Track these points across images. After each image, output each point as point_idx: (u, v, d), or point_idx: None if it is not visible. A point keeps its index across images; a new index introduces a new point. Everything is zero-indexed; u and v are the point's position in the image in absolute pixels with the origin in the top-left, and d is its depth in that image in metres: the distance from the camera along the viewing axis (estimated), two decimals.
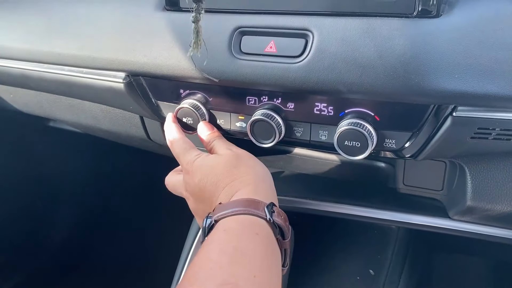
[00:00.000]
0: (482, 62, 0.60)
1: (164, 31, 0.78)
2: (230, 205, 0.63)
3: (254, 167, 0.72)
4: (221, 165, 0.71)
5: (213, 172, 0.70)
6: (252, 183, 0.68)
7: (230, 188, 0.68)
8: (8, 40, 0.96)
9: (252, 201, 0.63)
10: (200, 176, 0.71)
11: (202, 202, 0.72)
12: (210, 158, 0.73)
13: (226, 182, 0.68)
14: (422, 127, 0.67)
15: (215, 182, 0.69)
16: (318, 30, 0.68)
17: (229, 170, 0.70)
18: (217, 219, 0.61)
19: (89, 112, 1.05)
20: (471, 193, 0.74)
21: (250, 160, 0.74)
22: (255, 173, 0.71)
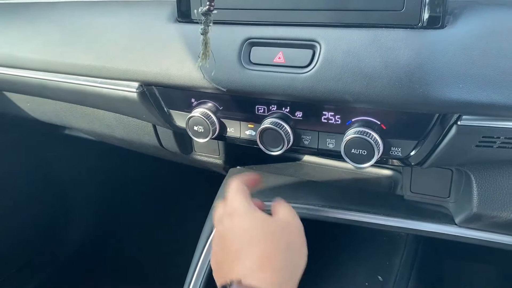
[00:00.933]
0: (487, 72, 0.61)
1: (176, 42, 0.80)
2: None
3: (294, 249, 0.66)
4: (265, 229, 0.65)
5: (251, 232, 0.64)
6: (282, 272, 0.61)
7: (256, 263, 0.61)
8: (26, 51, 0.99)
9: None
10: (237, 226, 0.66)
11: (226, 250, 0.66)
12: (258, 213, 0.68)
13: (256, 252, 0.62)
14: (427, 135, 0.68)
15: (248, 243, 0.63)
16: (325, 41, 0.69)
17: (269, 240, 0.63)
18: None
19: (103, 121, 1.08)
20: (477, 201, 0.75)
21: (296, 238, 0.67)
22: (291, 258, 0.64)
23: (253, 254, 0.62)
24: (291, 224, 0.68)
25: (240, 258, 0.62)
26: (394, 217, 0.87)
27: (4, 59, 1.03)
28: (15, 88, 1.11)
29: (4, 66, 1.05)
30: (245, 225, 0.65)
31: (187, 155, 1.09)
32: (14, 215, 1.58)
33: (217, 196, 1.03)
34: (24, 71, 1.01)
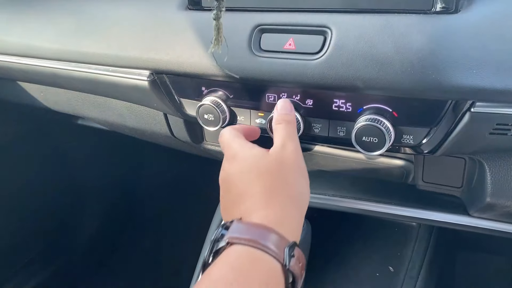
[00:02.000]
0: (501, 58, 0.60)
1: (186, 30, 0.80)
2: (251, 230, 0.55)
3: (296, 183, 0.64)
4: (261, 166, 0.63)
5: (249, 172, 0.63)
6: (284, 208, 0.60)
7: (257, 201, 0.60)
8: (39, 40, 1.00)
9: (276, 235, 0.55)
10: (237, 169, 0.64)
11: (230, 194, 0.65)
12: (255, 151, 0.66)
13: (255, 190, 0.61)
14: (439, 123, 0.67)
15: (247, 183, 0.62)
16: (336, 27, 0.69)
17: (266, 177, 0.62)
18: (230, 241, 0.54)
19: (115, 110, 1.09)
20: (491, 190, 0.74)
21: (294, 171, 0.65)
22: (292, 193, 0.63)
23: (254, 194, 0.60)
24: (286, 157, 0.65)
25: (241, 199, 0.61)
26: (406, 207, 0.86)
27: (19, 48, 1.04)
28: (28, 78, 1.13)
29: (18, 56, 1.06)
30: (243, 167, 0.64)
31: (197, 145, 1.09)
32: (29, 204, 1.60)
33: None
34: (38, 60, 1.02)
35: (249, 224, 0.56)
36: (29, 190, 1.59)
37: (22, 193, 1.57)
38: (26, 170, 1.57)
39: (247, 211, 0.59)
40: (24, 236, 1.61)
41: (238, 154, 0.66)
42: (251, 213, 0.58)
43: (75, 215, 1.81)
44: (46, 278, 1.67)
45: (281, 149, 0.66)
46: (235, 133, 0.71)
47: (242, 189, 0.62)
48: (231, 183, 0.64)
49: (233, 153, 0.67)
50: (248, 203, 0.60)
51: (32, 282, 1.63)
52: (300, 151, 0.67)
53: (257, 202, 0.60)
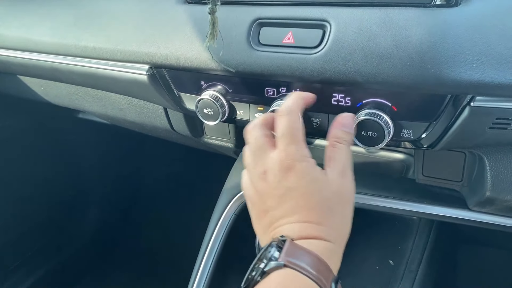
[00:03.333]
0: (501, 51, 0.60)
1: (185, 24, 0.80)
2: (307, 258, 0.55)
3: (348, 218, 0.63)
4: (320, 193, 0.61)
5: (308, 195, 0.60)
6: (332, 240, 0.59)
7: (309, 228, 0.59)
8: (38, 34, 1.00)
9: (327, 268, 0.55)
10: (295, 185, 0.61)
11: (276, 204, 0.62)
12: (318, 174, 0.62)
13: (310, 217, 0.59)
14: (439, 117, 0.67)
15: (304, 206, 0.60)
16: (336, 20, 0.68)
17: (322, 207, 0.60)
18: (287, 264, 0.53)
19: (116, 104, 1.08)
20: (490, 184, 0.73)
21: (349, 205, 0.64)
22: (343, 228, 0.62)
23: (308, 220, 0.59)
24: (345, 191, 0.63)
25: (291, 217, 0.60)
26: (406, 201, 0.86)
27: (18, 42, 1.04)
28: (28, 72, 1.13)
29: (17, 50, 1.05)
30: (303, 187, 0.60)
31: (198, 139, 1.09)
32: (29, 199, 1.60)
33: (227, 180, 1.04)
34: (36, 55, 1.02)
35: (304, 250, 0.55)
36: (29, 184, 1.60)
37: (22, 188, 1.57)
38: (26, 164, 1.58)
39: (295, 234, 0.58)
40: (24, 231, 1.61)
41: (300, 172, 0.61)
42: (301, 238, 0.58)
43: (75, 209, 1.81)
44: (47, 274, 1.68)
45: (341, 177, 0.63)
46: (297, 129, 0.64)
47: (296, 209, 0.60)
48: (284, 196, 0.61)
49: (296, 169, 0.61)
50: (299, 227, 0.59)
51: (33, 278, 1.64)
52: (354, 181, 0.65)
53: (310, 230, 0.59)
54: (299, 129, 0.64)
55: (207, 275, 0.93)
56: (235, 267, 1.01)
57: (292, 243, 0.56)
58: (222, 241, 0.95)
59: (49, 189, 1.67)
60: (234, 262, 1.00)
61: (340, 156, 0.65)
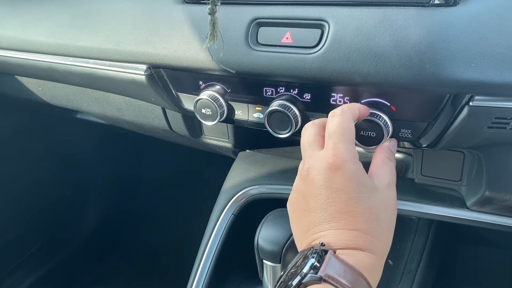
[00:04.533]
0: (500, 51, 0.60)
1: (183, 24, 0.80)
2: (348, 273, 0.52)
3: (391, 230, 0.60)
4: (368, 200, 0.58)
5: (356, 200, 0.57)
6: (376, 254, 0.56)
7: (355, 238, 0.56)
8: (35, 34, 1.00)
9: (367, 284, 0.53)
10: (341, 186, 0.57)
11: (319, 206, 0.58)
12: (364, 180, 0.59)
13: (357, 225, 0.56)
14: (438, 117, 0.67)
15: (349, 212, 0.57)
16: (334, 20, 0.68)
17: (369, 215, 0.57)
18: (327, 279, 0.51)
19: (114, 104, 1.08)
20: (489, 184, 0.73)
21: (394, 216, 0.62)
22: (385, 240, 0.59)
23: (353, 229, 0.56)
24: (390, 202, 0.61)
25: (336, 225, 0.56)
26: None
27: (15, 42, 1.04)
28: (25, 72, 1.12)
29: (14, 50, 1.05)
30: (352, 190, 0.57)
31: (196, 139, 1.09)
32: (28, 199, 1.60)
33: (226, 180, 1.03)
34: (34, 55, 1.02)
35: (346, 265, 0.52)
36: (28, 185, 1.60)
37: (21, 188, 1.57)
38: (24, 164, 1.57)
39: (339, 242, 0.55)
40: (23, 230, 1.61)
41: (349, 173, 0.58)
42: (346, 248, 0.55)
43: (74, 209, 1.81)
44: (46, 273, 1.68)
45: (388, 189, 0.61)
46: (350, 132, 0.62)
47: (341, 215, 0.57)
48: (328, 198, 0.58)
49: (345, 170, 0.58)
50: (344, 236, 0.56)
51: (32, 277, 1.64)
52: (396, 202, 0.63)
53: (357, 240, 0.55)
54: (350, 129, 0.62)
55: (206, 275, 0.93)
56: (234, 267, 1.01)
57: (334, 255, 0.53)
58: (221, 242, 0.95)
59: (47, 189, 1.67)
60: (233, 263, 1.00)
61: (388, 169, 0.64)
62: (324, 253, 0.53)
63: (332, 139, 0.61)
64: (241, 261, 0.98)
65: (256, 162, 1.03)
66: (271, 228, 0.79)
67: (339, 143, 0.60)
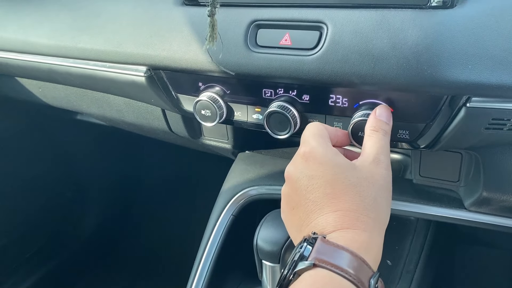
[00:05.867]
0: (496, 53, 0.60)
1: (183, 26, 0.80)
2: (339, 254, 0.50)
3: (381, 203, 0.58)
4: (347, 179, 0.57)
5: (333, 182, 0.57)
6: (368, 229, 0.54)
7: (341, 218, 0.54)
8: (35, 36, 1.00)
9: (362, 263, 0.51)
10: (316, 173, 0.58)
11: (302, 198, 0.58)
12: (340, 159, 0.59)
13: (340, 206, 0.55)
14: (435, 118, 0.67)
15: (330, 195, 0.56)
16: (332, 22, 0.69)
17: (354, 192, 0.56)
18: (317, 263, 0.50)
19: (114, 105, 1.09)
20: (487, 184, 0.74)
21: (383, 191, 0.59)
22: (379, 216, 0.57)
23: (339, 209, 0.55)
24: (378, 175, 0.59)
25: (321, 211, 0.55)
26: (403, 201, 0.86)
27: (16, 44, 1.04)
28: (26, 74, 1.13)
29: (15, 52, 1.05)
30: (326, 173, 0.57)
31: (196, 140, 1.09)
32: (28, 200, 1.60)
33: (225, 181, 1.04)
34: (34, 57, 1.02)
35: (337, 247, 0.51)
36: (28, 186, 1.60)
37: (21, 189, 1.57)
38: (25, 165, 1.57)
39: (327, 227, 0.54)
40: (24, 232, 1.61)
41: (319, 157, 0.58)
42: (333, 230, 0.54)
43: (74, 210, 1.81)
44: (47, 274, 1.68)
45: (374, 164, 0.59)
46: (321, 131, 0.63)
47: (323, 200, 0.56)
48: (308, 188, 0.58)
49: (314, 155, 0.59)
50: (329, 218, 0.55)
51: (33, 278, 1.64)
52: (390, 169, 0.61)
53: (342, 219, 0.54)
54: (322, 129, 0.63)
55: (206, 276, 0.93)
56: (233, 268, 1.01)
57: (323, 239, 0.52)
58: (220, 242, 0.95)
59: (47, 190, 1.67)
60: (232, 263, 1.00)
61: (373, 143, 0.62)
62: (315, 241, 0.52)
63: (306, 139, 0.62)
64: (241, 262, 0.99)
65: (255, 163, 1.03)
66: (270, 228, 0.80)
67: (308, 138, 0.62)
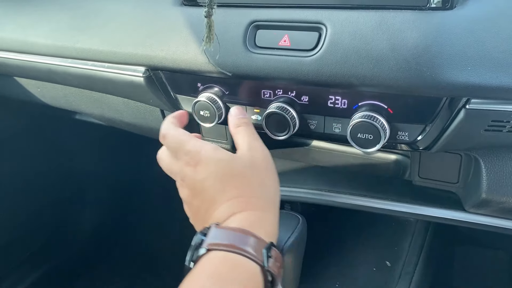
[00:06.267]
0: (496, 54, 0.60)
1: (181, 26, 0.80)
2: (230, 235, 0.55)
3: (267, 183, 0.64)
4: (233, 171, 0.62)
5: (221, 177, 0.62)
6: (259, 208, 0.60)
7: (233, 205, 0.59)
8: (34, 36, 1.00)
9: (254, 238, 0.55)
10: (205, 174, 0.62)
11: (200, 200, 0.63)
12: (221, 155, 0.64)
13: (231, 195, 0.60)
14: (435, 119, 0.67)
15: (221, 189, 0.61)
16: (331, 23, 0.68)
17: (240, 181, 0.62)
18: (210, 248, 0.54)
19: (112, 106, 1.08)
20: (486, 186, 0.73)
21: (266, 172, 0.65)
22: (266, 194, 0.63)
23: (229, 198, 0.60)
24: (256, 159, 0.65)
25: (216, 205, 0.61)
26: (403, 202, 0.86)
27: (14, 44, 1.04)
28: (24, 73, 1.12)
29: (13, 51, 1.05)
30: (212, 172, 0.62)
31: None
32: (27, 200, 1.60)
33: None
34: (32, 56, 1.02)
35: (228, 229, 0.56)
36: (27, 186, 1.59)
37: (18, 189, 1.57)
38: (23, 165, 1.57)
39: (223, 216, 0.59)
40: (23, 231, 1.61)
41: (203, 159, 0.63)
42: (228, 217, 0.58)
43: (73, 210, 1.81)
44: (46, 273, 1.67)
45: (250, 152, 0.65)
46: (183, 132, 0.68)
47: (216, 195, 0.61)
48: (202, 190, 0.62)
49: (197, 158, 0.63)
50: (223, 208, 0.60)
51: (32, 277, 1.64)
52: (267, 150, 0.67)
53: (234, 206, 0.59)
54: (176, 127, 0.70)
55: None
56: None
57: (216, 226, 0.56)
58: None
59: (45, 190, 1.67)
60: None
61: (242, 136, 0.68)
62: (208, 230, 0.56)
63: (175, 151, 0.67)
64: None
65: None
66: None
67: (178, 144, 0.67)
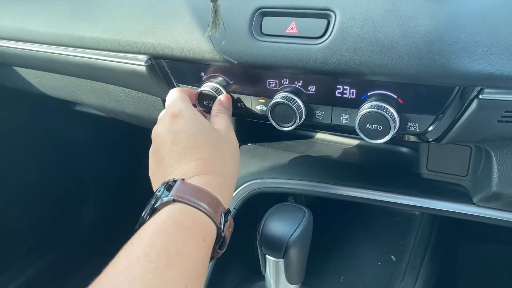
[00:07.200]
0: (511, 42, 0.58)
1: (185, 14, 0.78)
2: (195, 192, 0.58)
3: (235, 162, 0.70)
4: (207, 135, 0.67)
5: (195, 136, 0.66)
6: (222, 176, 0.64)
7: (200, 166, 0.63)
8: (34, 24, 0.98)
9: (216, 201, 0.59)
10: (182, 127, 0.66)
11: (168, 150, 0.65)
12: (204, 120, 0.69)
13: (201, 155, 0.64)
14: (446, 110, 0.65)
15: (192, 146, 0.65)
16: (341, 10, 0.67)
17: (211, 147, 0.66)
18: (176, 199, 0.56)
19: (113, 96, 1.07)
20: (497, 179, 0.72)
21: (234, 150, 0.71)
22: (230, 167, 0.68)
23: (197, 158, 0.63)
24: (231, 139, 0.71)
25: (184, 159, 0.64)
26: (410, 195, 0.84)
27: (14, 32, 1.02)
28: (24, 63, 1.10)
29: (13, 40, 1.03)
30: (190, 128, 0.67)
31: None
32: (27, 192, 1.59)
33: None
34: (33, 45, 1.00)
35: (195, 186, 0.59)
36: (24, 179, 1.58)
37: (17, 182, 1.55)
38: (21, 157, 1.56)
39: (188, 173, 0.62)
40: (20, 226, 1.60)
41: (186, 116, 0.68)
42: (193, 175, 0.61)
43: (74, 202, 1.80)
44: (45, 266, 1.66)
45: (227, 131, 0.72)
46: (185, 96, 0.74)
47: (185, 150, 0.64)
48: (174, 140, 0.66)
49: (182, 114, 0.68)
50: (190, 166, 0.63)
51: (31, 270, 1.62)
52: (237, 143, 0.73)
53: (201, 167, 0.63)
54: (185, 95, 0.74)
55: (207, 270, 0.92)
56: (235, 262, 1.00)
57: (183, 181, 0.59)
58: None
59: (45, 183, 1.66)
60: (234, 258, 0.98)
61: (223, 120, 0.74)
62: (174, 183, 0.59)
63: (170, 101, 0.73)
64: (243, 256, 0.97)
65: (258, 156, 1.01)
66: (274, 222, 0.78)
67: (175, 101, 0.71)
